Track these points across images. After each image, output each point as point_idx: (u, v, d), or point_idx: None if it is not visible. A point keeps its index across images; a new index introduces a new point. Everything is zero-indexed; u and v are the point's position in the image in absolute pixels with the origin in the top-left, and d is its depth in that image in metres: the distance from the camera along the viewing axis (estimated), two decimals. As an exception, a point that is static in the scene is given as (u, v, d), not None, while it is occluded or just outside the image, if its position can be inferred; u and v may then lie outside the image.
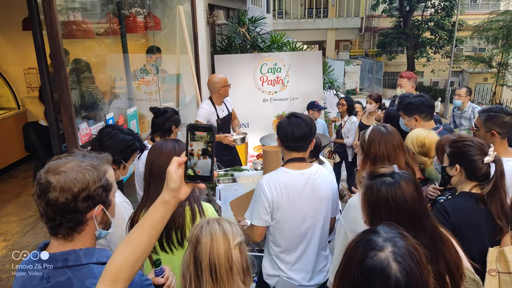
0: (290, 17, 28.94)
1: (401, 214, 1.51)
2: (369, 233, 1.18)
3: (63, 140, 2.62)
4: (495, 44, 22.13)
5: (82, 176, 1.24)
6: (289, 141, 2.27)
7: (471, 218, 2.08)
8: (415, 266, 1.07)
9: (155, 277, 1.54)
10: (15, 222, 4.80)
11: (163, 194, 1.14)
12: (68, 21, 3.65)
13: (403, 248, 1.10)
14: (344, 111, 5.82)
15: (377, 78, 25.00)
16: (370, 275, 1.07)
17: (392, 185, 1.55)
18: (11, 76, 6.51)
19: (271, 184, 2.24)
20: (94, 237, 1.35)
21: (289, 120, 2.27)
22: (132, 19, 4.93)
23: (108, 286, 1.08)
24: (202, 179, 1.15)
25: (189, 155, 1.15)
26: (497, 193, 2.09)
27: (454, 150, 2.18)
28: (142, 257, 1.12)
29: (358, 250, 1.12)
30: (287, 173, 2.27)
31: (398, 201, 1.51)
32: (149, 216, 1.13)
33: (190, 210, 1.93)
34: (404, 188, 1.53)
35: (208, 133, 1.14)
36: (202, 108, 4.32)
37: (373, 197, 1.57)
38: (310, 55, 7.04)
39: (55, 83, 2.49)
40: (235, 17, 7.08)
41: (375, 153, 2.09)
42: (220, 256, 1.27)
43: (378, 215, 1.54)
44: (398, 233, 1.17)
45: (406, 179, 1.57)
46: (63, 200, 1.22)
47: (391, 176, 1.58)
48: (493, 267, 2.05)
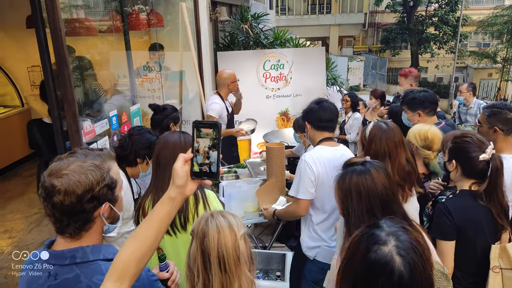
0: (293, 14, 28.86)
1: (371, 201, 1.56)
2: (371, 228, 1.18)
3: (67, 137, 2.63)
4: (499, 39, 21.94)
5: (85, 177, 1.24)
6: (322, 122, 2.55)
7: (473, 216, 2.08)
8: (418, 259, 1.08)
9: (159, 272, 1.55)
10: (20, 219, 4.83)
11: (170, 190, 1.15)
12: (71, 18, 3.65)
13: (406, 242, 1.10)
14: (348, 107, 5.81)
15: (381, 74, 24.90)
16: (373, 269, 1.07)
17: (362, 172, 1.60)
18: (15, 74, 6.52)
19: (315, 159, 2.45)
20: (101, 233, 1.35)
21: (320, 105, 2.57)
22: (135, 16, 4.93)
23: (115, 281, 1.08)
24: (208, 176, 1.16)
25: (195, 152, 1.15)
26: (494, 192, 2.07)
27: (453, 146, 2.17)
28: (149, 252, 1.13)
29: (361, 245, 1.13)
30: (325, 150, 2.50)
31: (369, 188, 1.57)
32: (156, 212, 1.14)
33: (193, 195, 1.99)
34: (374, 175, 1.59)
35: (214, 129, 1.15)
36: (215, 103, 4.22)
37: (345, 185, 1.62)
38: (313, 51, 7.02)
39: (59, 81, 2.50)
40: (238, 14, 7.05)
41: (376, 150, 2.09)
42: (228, 247, 1.29)
43: (349, 202, 1.60)
44: (401, 227, 1.17)
45: (376, 167, 1.62)
46: (69, 203, 1.22)
47: (362, 164, 1.63)
48: (496, 264, 2.05)
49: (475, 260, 2.11)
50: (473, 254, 2.10)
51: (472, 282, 2.15)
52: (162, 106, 3.25)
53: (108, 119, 3.22)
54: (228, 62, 6.04)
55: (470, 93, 5.50)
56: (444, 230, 2.08)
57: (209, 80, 5.81)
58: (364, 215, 1.57)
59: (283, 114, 6.29)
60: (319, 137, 2.59)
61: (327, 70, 6.99)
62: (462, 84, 5.75)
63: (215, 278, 1.28)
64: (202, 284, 1.30)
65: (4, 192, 5.56)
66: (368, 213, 1.56)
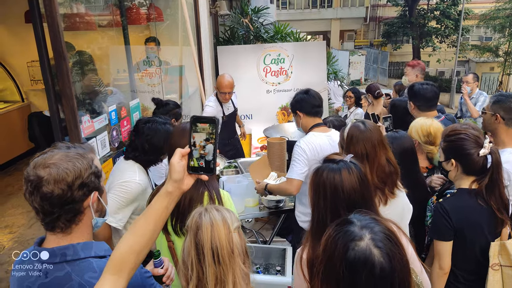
0: (294, 7, 28.72)
1: (336, 200, 1.57)
2: (343, 225, 1.18)
3: (66, 132, 2.62)
4: (502, 33, 21.83)
5: (73, 165, 1.24)
6: (314, 108, 2.83)
7: (472, 217, 2.04)
8: (394, 248, 1.10)
9: (154, 268, 1.56)
10: (21, 214, 4.84)
11: (167, 185, 1.16)
12: (69, 13, 3.62)
13: (380, 232, 1.12)
14: (352, 103, 5.79)
15: (382, 68, 24.81)
16: (355, 267, 1.08)
17: (333, 171, 1.60)
18: (15, 69, 6.51)
19: (307, 145, 2.72)
20: (91, 228, 1.35)
21: (308, 93, 2.87)
22: (135, 11, 4.90)
23: (114, 274, 1.09)
24: (205, 171, 1.17)
25: (192, 147, 1.16)
26: (496, 185, 2.04)
27: (448, 145, 2.12)
28: (147, 246, 1.14)
29: (338, 244, 1.13)
30: (317, 136, 2.77)
31: (336, 187, 1.57)
32: (154, 206, 1.15)
33: (208, 197, 1.98)
34: (344, 176, 1.58)
35: (210, 124, 1.15)
36: (208, 106, 4.29)
37: (316, 180, 1.63)
38: (313, 45, 6.98)
39: (57, 76, 2.48)
40: (238, 8, 7.01)
41: (354, 152, 2.02)
42: (221, 239, 1.30)
43: (319, 196, 1.61)
44: (370, 218, 1.19)
45: (349, 168, 1.60)
46: (59, 191, 1.21)
47: (337, 162, 1.63)
48: (495, 261, 2.03)
49: (474, 258, 2.09)
50: (472, 252, 2.08)
51: (471, 280, 2.13)
52: (165, 101, 3.25)
53: (107, 114, 3.21)
54: (228, 56, 6.01)
55: (476, 84, 5.48)
56: (441, 231, 2.06)
57: (209, 75, 5.79)
58: (328, 213, 1.57)
59: (283, 109, 6.26)
60: (311, 123, 2.85)
61: (328, 64, 6.95)
62: (467, 74, 5.70)
63: (209, 270, 1.29)
64: (196, 276, 1.31)
65: (5, 187, 5.57)
66: (332, 212, 1.56)
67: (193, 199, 1.93)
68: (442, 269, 2.06)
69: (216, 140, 1.16)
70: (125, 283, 1.10)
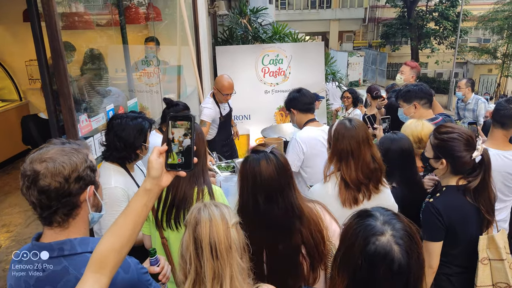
0: (293, 8, 28.74)
1: (253, 190, 1.69)
2: (365, 218, 1.22)
3: (63, 131, 2.62)
4: (500, 34, 21.91)
5: (69, 158, 1.26)
6: (306, 105, 3.09)
7: (463, 214, 2.06)
8: (413, 246, 1.14)
9: (150, 266, 1.58)
10: (18, 213, 4.84)
11: (145, 182, 1.18)
12: (67, 12, 3.62)
13: (401, 230, 1.16)
14: (349, 104, 5.80)
15: (381, 69, 24.86)
16: (374, 260, 1.13)
17: (253, 161, 1.71)
18: (13, 67, 6.50)
19: (304, 139, 2.99)
20: (88, 223, 1.37)
21: (300, 92, 3.14)
22: (133, 10, 4.89)
23: (95, 272, 1.10)
24: (183, 167, 1.20)
25: (170, 143, 1.19)
26: (486, 187, 2.06)
27: (440, 143, 2.11)
28: (128, 244, 1.16)
29: (359, 236, 1.17)
30: (311, 130, 3.04)
31: (255, 176, 1.68)
32: (133, 204, 1.17)
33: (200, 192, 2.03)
34: (262, 166, 1.68)
35: (188, 121, 1.19)
36: (207, 108, 4.24)
37: (241, 169, 1.76)
38: (312, 46, 6.98)
39: (54, 75, 2.48)
40: (237, 8, 7.01)
41: (340, 149, 2.07)
42: (220, 235, 1.32)
43: (243, 184, 1.73)
44: (392, 214, 1.22)
45: (267, 158, 1.70)
46: (57, 184, 1.23)
47: (258, 153, 1.74)
48: (484, 256, 2.05)
49: (465, 252, 2.11)
50: (463, 247, 2.11)
51: (460, 272, 2.16)
52: (175, 102, 3.27)
53: (105, 113, 3.21)
54: (226, 56, 6.01)
55: (469, 89, 5.50)
56: (432, 231, 2.07)
57: (207, 75, 5.79)
58: (250, 200, 1.69)
59: (281, 109, 6.26)
60: (305, 119, 3.12)
61: (326, 65, 6.96)
62: (461, 80, 5.75)
63: (207, 264, 1.30)
64: (194, 271, 1.32)
65: (2, 186, 5.57)
66: (252, 200, 1.68)
67: (186, 195, 2.00)
68: (431, 268, 2.09)
69: (193, 136, 1.20)
70: (107, 281, 1.12)
